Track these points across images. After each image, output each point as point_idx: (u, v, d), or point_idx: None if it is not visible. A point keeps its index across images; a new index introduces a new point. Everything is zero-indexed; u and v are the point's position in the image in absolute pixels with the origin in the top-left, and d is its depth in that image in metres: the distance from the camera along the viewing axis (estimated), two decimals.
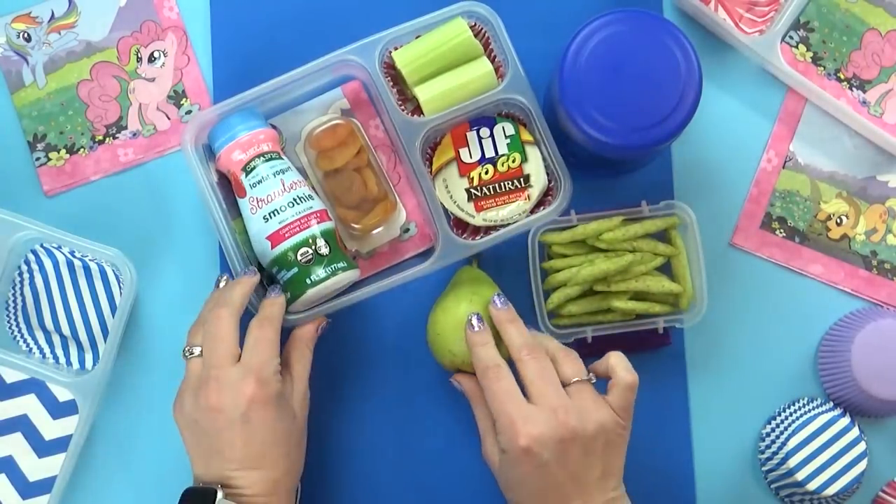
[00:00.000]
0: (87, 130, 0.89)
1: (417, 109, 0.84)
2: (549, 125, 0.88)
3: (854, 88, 0.91)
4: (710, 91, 0.83)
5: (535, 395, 0.73)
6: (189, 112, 0.89)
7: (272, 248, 0.80)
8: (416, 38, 0.83)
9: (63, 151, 0.89)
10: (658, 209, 0.86)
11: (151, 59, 0.90)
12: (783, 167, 0.90)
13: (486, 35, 0.84)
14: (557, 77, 0.79)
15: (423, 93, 0.82)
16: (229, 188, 0.83)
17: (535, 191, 0.84)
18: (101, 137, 0.89)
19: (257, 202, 0.81)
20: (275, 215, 0.80)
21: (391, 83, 0.83)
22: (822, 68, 0.91)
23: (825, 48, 0.91)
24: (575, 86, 0.78)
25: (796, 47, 0.90)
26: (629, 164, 0.88)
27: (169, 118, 0.90)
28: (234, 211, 0.83)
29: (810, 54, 0.91)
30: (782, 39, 0.89)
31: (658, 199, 0.88)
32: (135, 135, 0.89)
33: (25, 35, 0.90)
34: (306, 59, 0.82)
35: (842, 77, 0.91)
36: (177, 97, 0.90)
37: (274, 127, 0.86)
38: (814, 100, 0.90)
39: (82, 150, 0.89)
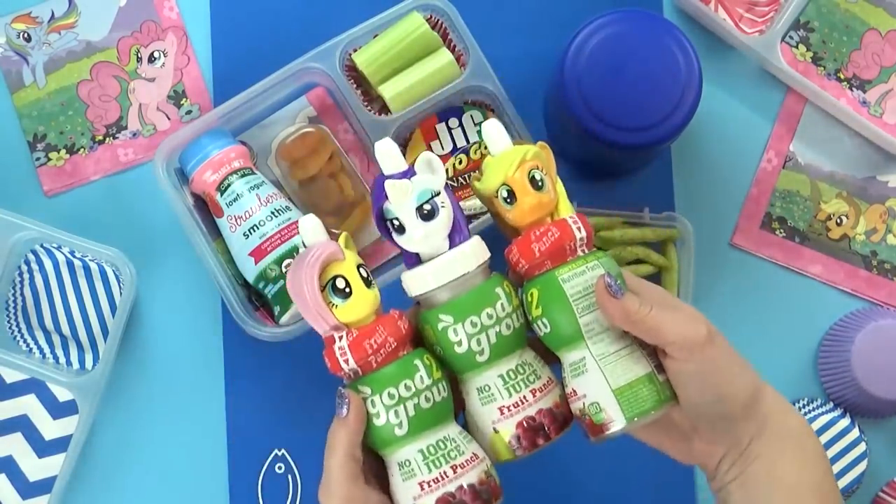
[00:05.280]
0: (87, 130, 0.89)
1: (384, 108, 0.84)
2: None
3: (854, 88, 0.91)
4: (710, 91, 0.83)
5: None
6: (189, 112, 0.89)
7: (256, 263, 0.80)
8: (374, 37, 0.84)
9: (63, 151, 0.89)
10: (659, 218, 0.86)
11: (151, 59, 0.90)
12: (783, 167, 0.90)
13: (444, 26, 0.84)
14: (558, 77, 0.79)
15: (387, 91, 0.83)
16: (206, 210, 0.83)
17: None
18: (101, 137, 0.89)
19: (236, 220, 0.81)
20: (255, 230, 0.80)
21: (355, 85, 0.84)
22: (822, 68, 0.91)
23: (825, 48, 0.91)
24: (575, 86, 0.78)
25: (796, 47, 0.90)
26: (629, 163, 0.87)
27: (169, 118, 0.90)
28: (215, 232, 0.83)
29: (810, 54, 0.91)
30: (782, 39, 0.89)
31: (657, 198, 0.88)
32: (135, 135, 0.89)
33: (25, 35, 0.90)
34: None
35: (842, 77, 0.91)
36: (177, 97, 0.90)
37: (243, 143, 0.85)
38: (814, 100, 0.90)
39: (82, 150, 0.89)
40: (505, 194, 0.63)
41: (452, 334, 0.61)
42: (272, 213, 0.81)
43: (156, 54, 0.90)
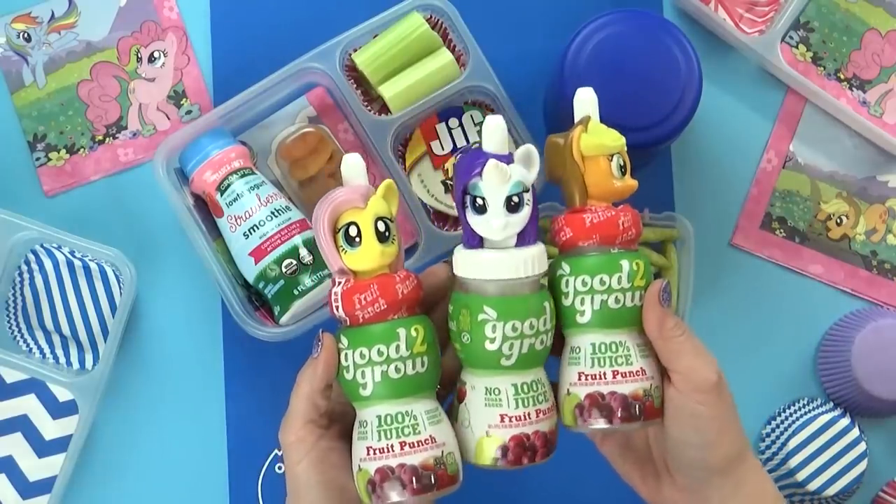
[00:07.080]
0: (87, 130, 0.89)
1: (384, 108, 0.84)
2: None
3: (854, 88, 0.91)
4: (710, 91, 0.83)
5: None
6: (189, 112, 0.89)
7: (256, 263, 0.80)
8: (374, 37, 0.84)
9: (63, 151, 0.89)
10: (659, 218, 0.86)
11: (151, 59, 0.90)
12: (783, 167, 0.90)
13: (444, 26, 0.84)
14: (558, 77, 0.79)
15: (387, 90, 0.83)
16: (207, 210, 0.83)
17: None
18: (101, 137, 0.89)
19: (236, 220, 0.81)
20: (255, 230, 0.80)
21: (355, 85, 0.84)
22: (822, 68, 0.91)
23: (825, 48, 0.91)
24: (575, 86, 0.78)
25: (796, 47, 0.90)
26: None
27: (169, 118, 0.90)
28: (215, 232, 0.83)
29: (810, 54, 0.91)
30: (782, 39, 0.89)
31: (657, 198, 0.87)
32: (135, 135, 0.89)
33: (25, 35, 0.90)
34: None
35: (842, 77, 0.91)
36: (177, 97, 0.90)
37: (243, 143, 0.85)
38: (814, 100, 0.90)
39: (82, 150, 0.89)
40: (621, 163, 0.64)
41: (490, 330, 0.61)
42: (272, 213, 0.81)
43: (156, 54, 0.90)
